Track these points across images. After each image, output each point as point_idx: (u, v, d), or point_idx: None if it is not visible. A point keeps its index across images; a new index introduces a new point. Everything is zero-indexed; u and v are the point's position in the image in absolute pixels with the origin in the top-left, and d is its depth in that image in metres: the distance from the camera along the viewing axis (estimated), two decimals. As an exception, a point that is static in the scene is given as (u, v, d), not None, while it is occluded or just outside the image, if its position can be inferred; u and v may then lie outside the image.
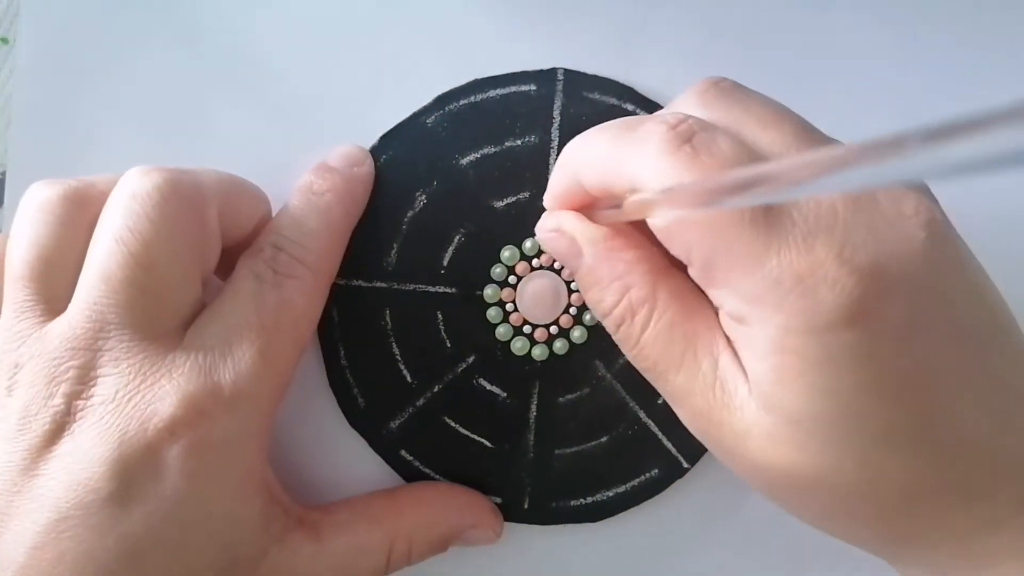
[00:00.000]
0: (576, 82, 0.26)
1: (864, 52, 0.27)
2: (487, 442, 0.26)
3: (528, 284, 0.26)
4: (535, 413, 0.26)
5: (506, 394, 0.26)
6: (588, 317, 0.26)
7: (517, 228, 0.26)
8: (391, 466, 0.26)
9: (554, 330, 0.26)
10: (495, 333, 0.26)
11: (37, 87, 0.26)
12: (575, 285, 0.26)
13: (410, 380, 0.26)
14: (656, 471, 0.26)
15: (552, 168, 0.26)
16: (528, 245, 0.26)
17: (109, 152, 0.26)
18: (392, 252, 0.26)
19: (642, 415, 0.26)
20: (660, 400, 0.26)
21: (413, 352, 0.26)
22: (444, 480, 0.26)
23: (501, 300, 0.26)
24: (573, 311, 0.26)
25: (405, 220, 0.26)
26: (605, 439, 0.26)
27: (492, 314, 0.26)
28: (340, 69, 0.26)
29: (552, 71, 0.26)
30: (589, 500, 0.26)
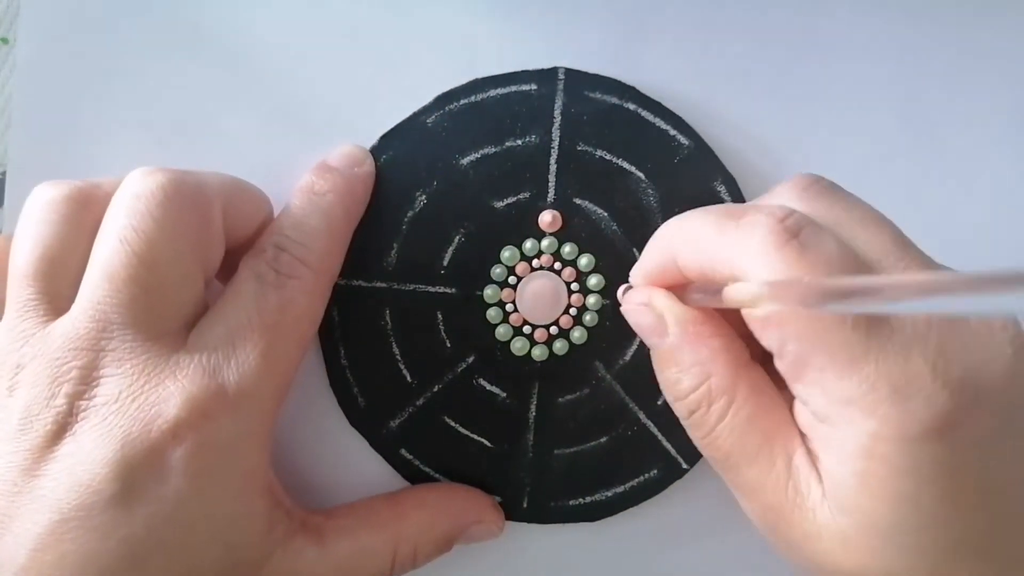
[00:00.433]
0: (577, 81, 0.26)
1: (864, 52, 0.27)
2: (487, 442, 0.26)
3: (528, 284, 0.26)
4: (535, 413, 0.26)
5: (506, 394, 0.26)
6: (588, 318, 0.26)
7: (517, 228, 0.26)
8: (391, 465, 0.26)
9: (554, 330, 0.26)
10: (495, 333, 0.26)
11: (37, 87, 0.26)
12: (575, 286, 0.26)
13: (410, 380, 0.26)
14: (655, 472, 0.26)
15: (552, 168, 0.26)
16: (528, 245, 0.26)
17: (109, 152, 0.26)
18: (392, 252, 0.26)
19: (642, 416, 0.26)
20: (660, 401, 0.26)
21: (413, 352, 0.26)
22: (444, 479, 0.26)
23: (501, 300, 0.26)
24: (573, 312, 0.26)
25: (405, 220, 0.26)
26: (604, 439, 0.26)
27: (492, 314, 0.26)
28: (340, 69, 0.26)
29: (553, 70, 0.26)
30: (588, 500, 0.26)
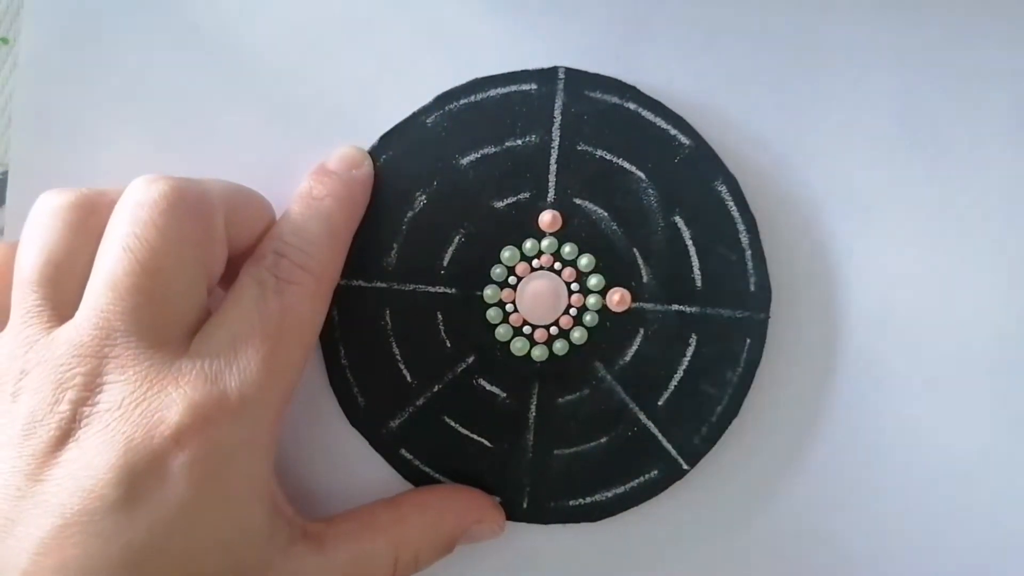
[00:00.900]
0: (577, 81, 0.26)
1: (865, 51, 0.27)
2: (486, 442, 0.26)
3: (528, 285, 0.26)
4: (534, 413, 0.26)
5: (506, 394, 0.26)
6: (588, 318, 0.26)
7: (517, 228, 0.26)
8: (391, 465, 0.26)
9: (554, 331, 0.26)
10: (495, 333, 0.26)
11: (38, 87, 0.26)
12: (575, 286, 0.26)
13: (410, 380, 0.26)
14: (655, 472, 0.26)
15: (552, 168, 0.26)
16: (528, 246, 0.26)
17: (110, 152, 0.26)
18: (392, 252, 0.26)
19: (642, 416, 0.26)
20: (660, 401, 0.26)
21: (413, 352, 0.26)
22: (444, 479, 0.26)
23: (501, 300, 0.26)
24: (573, 312, 0.26)
25: (405, 220, 0.26)
26: (604, 440, 0.26)
27: (492, 314, 0.26)
28: (340, 69, 0.26)
29: (553, 70, 0.26)
30: (588, 500, 0.26)
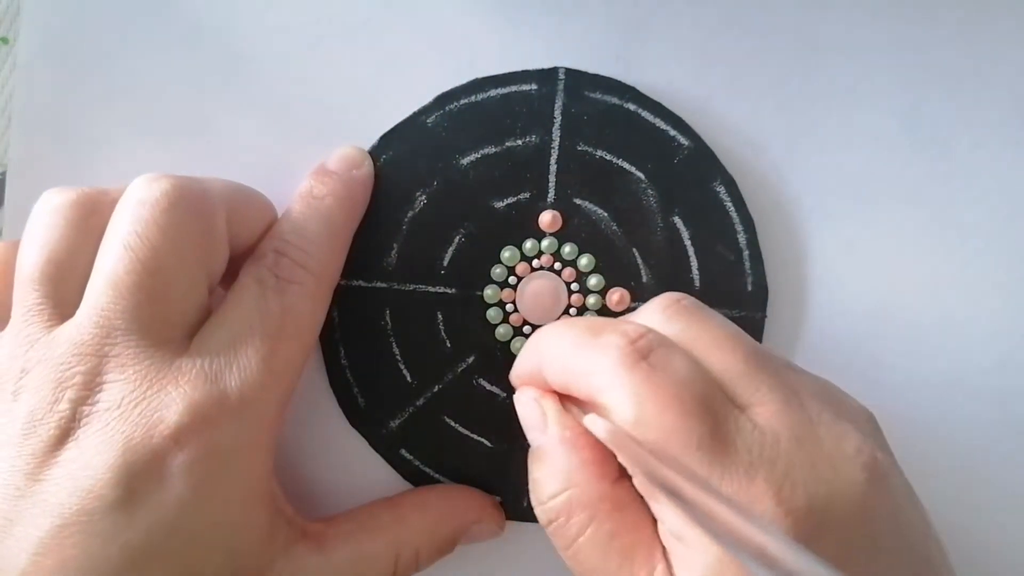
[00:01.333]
0: (577, 81, 0.26)
1: (865, 52, 0.27)
2: (487, 442, 0.26)
3: (528, 285, 0.26)
4: (535, 413, 0.26)
5: (506, 394, 0.26)
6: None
7: (517, 228, 0.26)
8: (391, 465, 0.26)
9: (554, 331, 0.26)
10: (495, 333, 0.26)
11: (38, 86, 0.26)
12: (575, 286, 0.26)
13: (410, 380, 0.26)
14: (655, 472, 0.26)
15: (552, 168, 0.26)
16: (528, 246, 0.26)
17: (109, 151, 0.26)
18: (392, 252, 0.26)
19: (641, 417, 0.26)
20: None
21: (413, 352, 0.26)
22: (444, 479, 0.26)
23: (501, 300, 0.26)
24: (573, 312, 0.26)
25: (405, 220, 0.26)
26: (604, 440, 0.26)
27: (492, 314, 0.26)
28: (341, 69, 0.26)
29: (553, 70, 0.26)
30: (588, 500, 0.26)
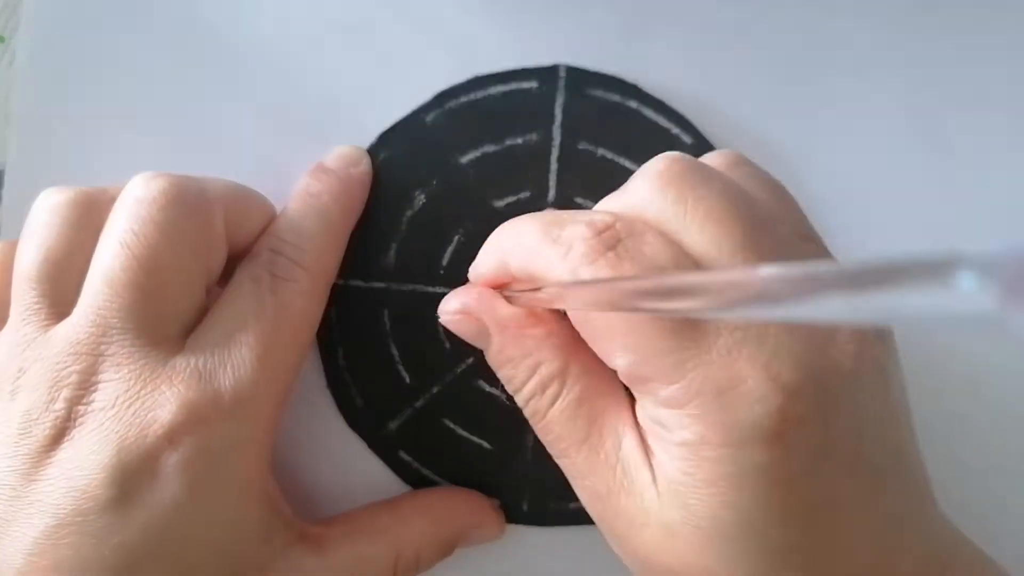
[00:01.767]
0: (578, 79, 0.26)
1: (868, 50, 0.26)
2: (486, 443, 0.26)
3: (528, 285, 0.26)
4: (535, 415, 0.26)
5: (505, 395, 0.26)
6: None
7: (517, 228, 0.26)
8: (390, 467, 0.26)
9: (554, 331, 0.26)
10: (495, 334, 0.26)
11: (35, 84, 0.26)
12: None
13: (409, 381, 0.26)
14: (656, 474, 0.26)
15: (553, 166, 0.26)
16: (528, 245, 0.26)
17: (107, 150, 0.26)
18: (391, 252, 0.26)
19: (642, 418, 0.26)
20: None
21: (412, 353, 0.26)
22: (443, 481, 0.26)
23: (501, 301, 0.26)
24: (573, 312, 0.26)
25: (404, 219, 0.26)
26: (605, 441, 0.26)
27: (492, 315, 0.26)
28: (340, 68, 0.26)
29: (554, 68, 0.26)
30: (588, 502, 0.26)
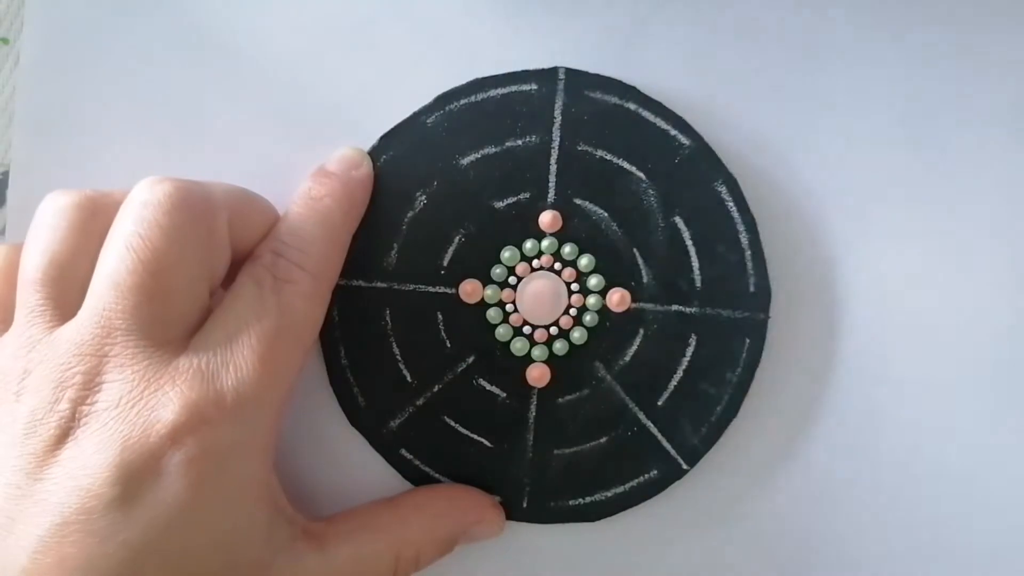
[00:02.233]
0: (578, 81, 0.26)
1: (866, 52, 0.26)
2: (487, 442, 0.26)
3: (528, 285, 0.26)
4: (534, 413, 0.26)
5: (506, 394, 0.26)
6: (588, 318, 0.26)
7: (517, 228, 0.26)
8: (391, 465, 0.26)
9: (554, 331, 0.26)
10: (495, 334, 0.26)
11: (39, 86, 0.26)
12: (575, 286, 0.26)
13: (410, 380, 0.26)
14: (655, 472, 0.26)
15: (552, 168, 0.26)
16: (528, 246, 0.26)
17: (110, 152, 0.26)
18: (392, 252, 0.26)
19: (642, 416, 0.26)
20: (660, 402, 0.26)
21: (413, 352, 0.26)
22: (444, 479, 0.26)
23: (501, 301, 0.26)
24: (573, 312, 0.26)
25: (405, 220, 0.26)
26: (604, 440, 0.26)
27: (492, 315, 0.26)
28: (341, 69, 0.26)
29: (553, 70, 0.26)
30: (588, 500, 0.26)
